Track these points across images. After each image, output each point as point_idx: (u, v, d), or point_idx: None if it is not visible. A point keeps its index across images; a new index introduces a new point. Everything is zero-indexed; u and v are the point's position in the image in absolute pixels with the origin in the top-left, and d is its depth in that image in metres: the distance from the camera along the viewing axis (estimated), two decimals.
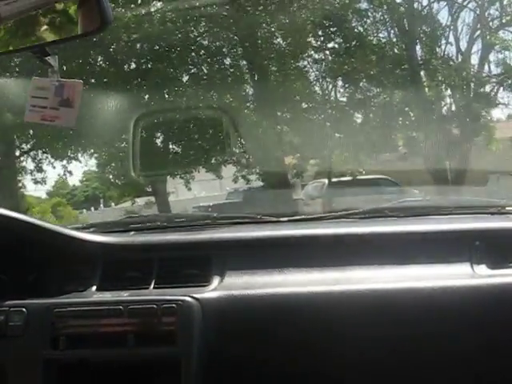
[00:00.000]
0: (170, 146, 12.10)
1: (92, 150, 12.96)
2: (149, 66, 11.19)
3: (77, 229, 1.58)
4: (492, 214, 1.67)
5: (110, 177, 13.76)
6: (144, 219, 1.92)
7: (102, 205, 22.08)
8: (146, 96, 11.09)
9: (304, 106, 11.80)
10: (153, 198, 12.90)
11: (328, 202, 10.88)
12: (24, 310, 1.30)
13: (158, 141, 11.86)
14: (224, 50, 11.61)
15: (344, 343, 1.30)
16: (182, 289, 1.36)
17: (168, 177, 12.07)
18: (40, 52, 1.23)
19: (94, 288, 1.40)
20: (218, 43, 11.38)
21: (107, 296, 1.37)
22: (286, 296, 1.31)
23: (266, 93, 10.93)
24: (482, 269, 1.36)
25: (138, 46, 11.06)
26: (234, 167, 12.22)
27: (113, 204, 20.56)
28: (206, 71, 11.68)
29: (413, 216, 1.69)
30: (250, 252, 1.45)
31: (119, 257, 1.47)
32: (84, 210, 21.17)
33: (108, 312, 1.29)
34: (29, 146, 13.57)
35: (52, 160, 13.60)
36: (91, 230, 1.66)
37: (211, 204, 12.44)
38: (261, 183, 12.44)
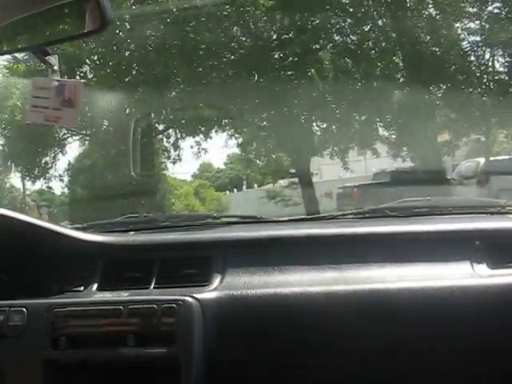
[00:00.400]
0: (314, 124, 11.34)
1: (232, 130, 12.34)
2: (291, 36, 10.24)
3: (77, 229, 1.58)
4: (492, 213, 1.68)
5: (252, 157, 13.07)
6: (144, 219, 1.93)
7: (244, 186, 22.24)
8: (289, 72, 10.34)
9: (459, 78, 10.38)
10: (296, 179, 12.24)
11: (483, 183, 10.01)
12: (24, 310, 1.29)
13: (302, 118, 10.96)
14: (371, 18, 10.46)
15: (344, 343, 1.30)
16: (182, 289, 1.36)
17: (312, 157, 11.60)
18: (40, 52, 1.23)
19: (94, 288, 1.40)
20: (363, 11, 10.31)
21: (107, 296, 1.37)
22: (286, 296, 1.31)
23: (417, 64, 9.79)
24: (482, 269, 1.36)
25: (279, 16, 10.13)
26: (381, 147, 11.44)
27: (255, 185, 20.66)
28: (353, 41, 10.63)
29: (413, 216, 1.69)
30: (250, 252, 1.45)
31: (119, 257, 1.47)
32: (227, 192, 21.44)
33: (108, 312, 1.29)
34: (164, 125, 13.07)
35: (190, 140, 12.94)
36: (91, 230, 1.66)
37: (357, 184, 11.74)
38: (409, 163, 11.36)
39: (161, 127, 13.28)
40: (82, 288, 1.41)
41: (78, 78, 12.64)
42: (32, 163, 13.88)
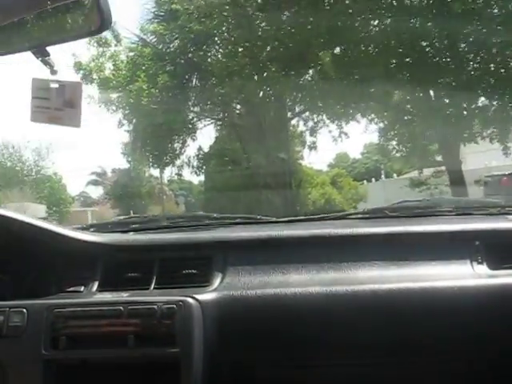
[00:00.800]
0: (464, 106, 9.89)
1: (373, 115, 11.27)
2: (441, 7, 9.08)
3: (77, 229, 1.58)
4: (492, 214, 1.68)
5: (394, 143, 11.97)
6: (144, 219, 1.93)
7: (383, 176, 22.10)
8: (435, 51, 9.22)
9: None
10: (441, 168, 11.16)
11: None
12: (24, 310, 1.29)
13: (451, 100, 9.66)
14: None
15: (344, 343, 1.30)
16: (183, 289, 1.36)
17: (461, 143, 10.44)
18: (40, 52, 1.23)
19: (94, 288, 1.40)
20: None
21: (107, 296, 1.37)
22: (286, 296, 1.31)
23: None
24: (483, 269, 1.36)
25: None
26: None
27: (394, 175, 20.43)
28: None
29: (413, 216, 1.69)
30: (250, 252, 1.45)
31: (119, 257, 1.47)
32: (364, 181, 21.30)
33: (108, 312, 1.29)
34: (299, 108, 12.17)
35: (328, 123, 11.93)
36: (91, 230, 1.66)
37: (507, 173, 10.85)
38: None
39: (296, 110, 12.29)
40: (81, 288, 1.41)
41: (208, 58, 11.97)
42: (161, 149, 13.18)
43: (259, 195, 11.66)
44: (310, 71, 10.57)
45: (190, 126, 13.36)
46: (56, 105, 1.28)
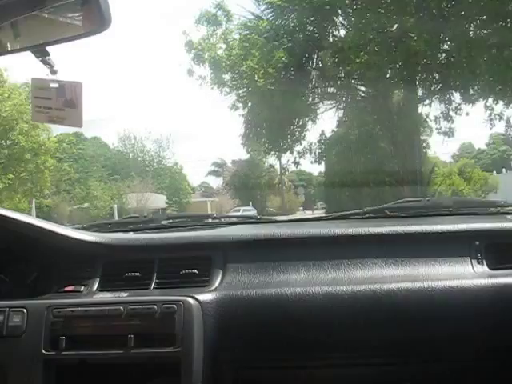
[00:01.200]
0: None
1: (506, 100, 9.98)
2: None
3: (77, 229, 1.58)
4: (492, 214, 1.68)
5: None
6: (144, 219, 1.92)
7: None
8: None
9: None
10: None
11: None
12: (24, 310, 1.29)
13: None
14: None
15: (344, 343, 1.30)
16: (183, 289, 1.36)
17: None
18: (40, 52, 1.23)
19: (94, 288, 1.40)
20: None
21: (107, 296, 1.37)
22: (286, 296, 1.31)
23: None
24: (482, 269, 1.36)
25: None
26: None
27: None
28: None
29: (413, 216, 1.69)
30: (250, 252, 1.45)
31: (119, 257, 1.47)
32: (494, 172, 21.34)
33: (108, 312, 1.29)
34: (434, 87, 10.76)
35: (460, 107, 10.69)
36: (91, 230, 1.66)
37: None
38: None
39: (427, 92, 10.81)
40: (82, 288, 1.41)
41: (331, 33, 10.58)
42: (278, 134, 11.91)
43: (384, 186, 10.61)
44: (446, 46, 9.37)
45: (311, 109, 12.12)
46: (57, 105, 1.28)
